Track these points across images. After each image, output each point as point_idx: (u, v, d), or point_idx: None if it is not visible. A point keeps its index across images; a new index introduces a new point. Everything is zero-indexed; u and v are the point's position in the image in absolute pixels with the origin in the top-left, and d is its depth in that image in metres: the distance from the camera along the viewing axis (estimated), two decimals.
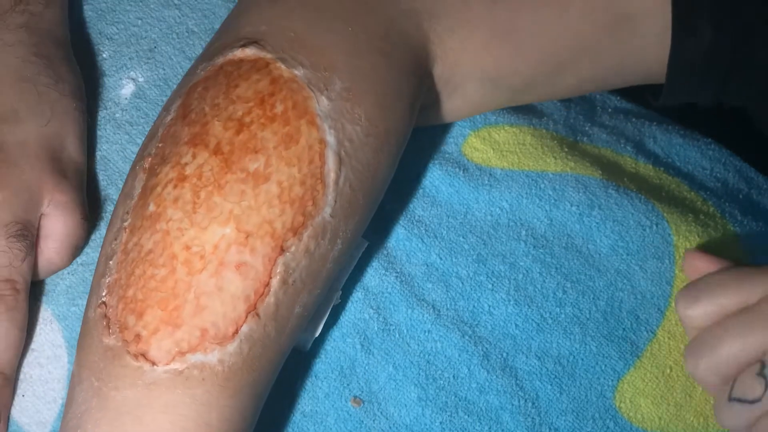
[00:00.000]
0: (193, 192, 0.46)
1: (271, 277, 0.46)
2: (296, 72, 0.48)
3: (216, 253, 0.45)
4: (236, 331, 0.45)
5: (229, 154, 0.46)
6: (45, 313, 0.54)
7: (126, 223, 0.47)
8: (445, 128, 0.59)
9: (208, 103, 0.48)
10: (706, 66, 0.56)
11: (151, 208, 0.47)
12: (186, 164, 0.47)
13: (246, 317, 0.45)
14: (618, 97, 0.66)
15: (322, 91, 0.48)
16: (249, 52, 0.49)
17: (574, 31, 0.55)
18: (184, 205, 0.46)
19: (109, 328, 0.46)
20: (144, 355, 0.45)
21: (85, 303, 0.53)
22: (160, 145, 0.48)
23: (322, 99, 0.48)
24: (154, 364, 0.45)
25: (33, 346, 0.54)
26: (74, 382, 0.47)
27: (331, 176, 0.47)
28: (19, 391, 0.53)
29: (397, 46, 0.51)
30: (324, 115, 0.48)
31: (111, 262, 0.47)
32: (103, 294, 0.47)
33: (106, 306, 0.46)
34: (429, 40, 0.53)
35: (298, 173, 0.47)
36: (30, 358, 0.53)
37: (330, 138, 0.48)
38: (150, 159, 0.48)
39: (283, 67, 0.48)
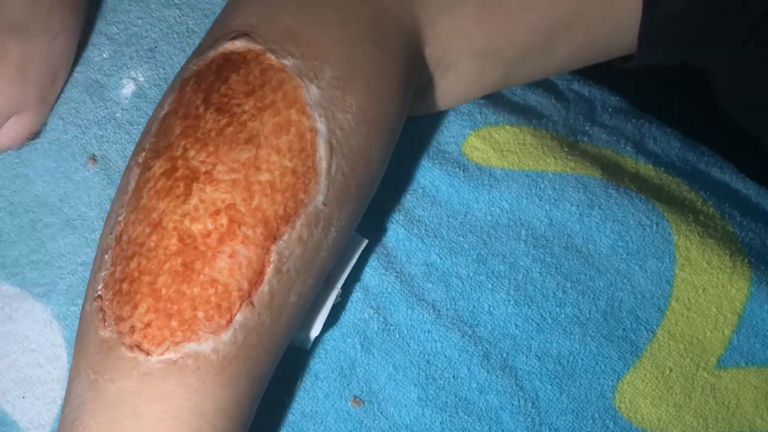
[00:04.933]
0: (185, 184, 0.46)
1: (264, 266, 0.46)
2: (286, 62, 0.48)
3: (208, 243, 0.45)
4: (230, 320, 0.45)
5: (221, 145, 0.47)
6: (44, 314, 0.54)
7: (120, 217, 0.48)
8: (445, 127, 0.59)
9: (200, 96, 0.48)
10: (679, 29, 0.57)
11: (144, 201, 0.47)
12: (178, 157, 0.47)
13: (240, 306, 0.45)
14: (618, 97, 0.66)
15: (312, 80, 0.48)
16: (239, 44, 0.49)
17: (564, 0, 0.55)
18: (177, 197, 0.46)
19: (104, 320, 0.46)
20: (138, 346, 0.45)
21: None
22: (153, 139, 0.49)
23: (312, 88, 0.48)
24: (148, 354, 0.45)
25: (32, 346, 0.54)
26: (72, 375, 0.47)
27: (323, 164, 0.48)
28: (18, 392, 0.53)
29: (389, 34, 0.51)
30: (314, 104, 0.48)
31: (106, 256, 0.47)
32: (99, 287, 0.47)
33: (101, 299, 0.46)
34: (421, 24, 0.53)
35: (290, 162, 0.47)
36: (30, 358, 0.53)
37: (321, 126, 0.48)
38: (144, 153, 0.48)
39: (272, 57, 0.48)
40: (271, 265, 0.46)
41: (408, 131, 0.57)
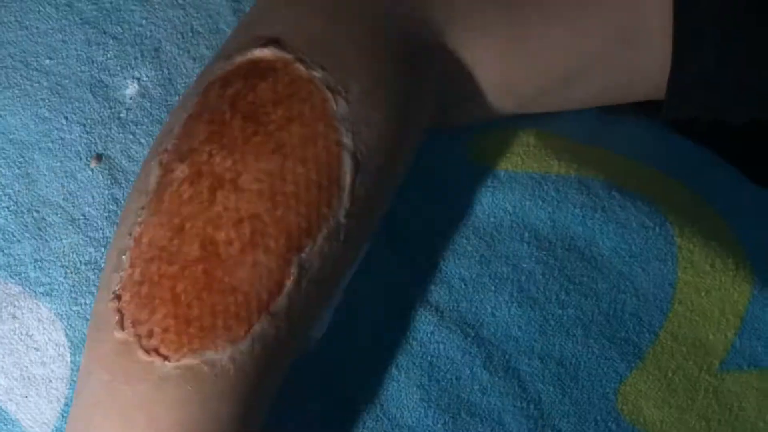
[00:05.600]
0: (210, 191, 0.46)
1: (284, 278, 0.46)
2: (315, 74, 0.48)
3: (230, 252, 0.45)
4: (248, 330, 0.45)
5: (247, 153, 0.46)
6: (47, 313, 0.54)
7: (140, 219, 0.47)
8: (448, 129, 0.59)
9: (225, 101, 0.48)
10: (710, 90, 0.56)
11: (167, 204, 0.47)
12: (203, 162, 0.47)
13: (259, 316, 0.45)
14: None
15: (341, 94, 0.48)
16: (268, 52, 0.49)
17: (586, 43, 0.55)
18: (201, 203, 0.46)
19: (121, 322, 0.46)
20: (156, 351, 0.45)
21: (87, 302, 0.54)
22: (176, 141, 0.48)
23: (340, 102, 0.48)
24: (165, 359, 0.45)
25: (36, 345, 0.54)
26: (82, 374, 0.47)
27: (347, 179, 0.47)
28: (22, 392, 0.53)
29: (414, 53, 0.51)
30: (341, 118, 0.48)
31: (124, 257, 0.47)
32: (116, 288, 0.47)
33: (119, 300, 0.46)
34: (444, 47, 0.53)
35: (315, 175, 0.47)
36: (33, 357, 0.53)
37: (347, 141, 0.48)
38: (166, 155, 0.48)
39: (302, 68, 0.48)
40: (291, 277, 0.46)
41: None
